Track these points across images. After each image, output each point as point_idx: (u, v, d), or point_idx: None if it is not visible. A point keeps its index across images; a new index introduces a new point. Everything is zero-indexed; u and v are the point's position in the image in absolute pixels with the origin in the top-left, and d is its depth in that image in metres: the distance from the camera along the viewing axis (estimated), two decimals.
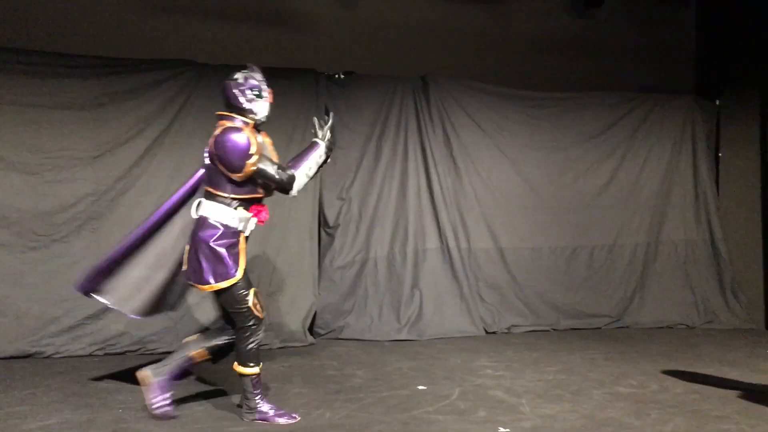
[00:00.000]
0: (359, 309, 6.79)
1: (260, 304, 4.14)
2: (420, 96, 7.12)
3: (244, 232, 4.14)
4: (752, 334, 7.22)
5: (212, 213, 4.09)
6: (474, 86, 7.35)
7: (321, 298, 6.70)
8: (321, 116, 4.29)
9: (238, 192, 4.10)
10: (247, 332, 4.11)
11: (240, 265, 4.07)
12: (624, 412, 4.39)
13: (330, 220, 6.87)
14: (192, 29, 6.74)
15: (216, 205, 4.10)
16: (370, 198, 6.95)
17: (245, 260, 4.11)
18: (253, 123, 4.18)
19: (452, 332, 6.83)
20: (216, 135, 4.07)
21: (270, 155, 4.23)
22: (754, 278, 7.71)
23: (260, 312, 4.13)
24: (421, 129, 7.09)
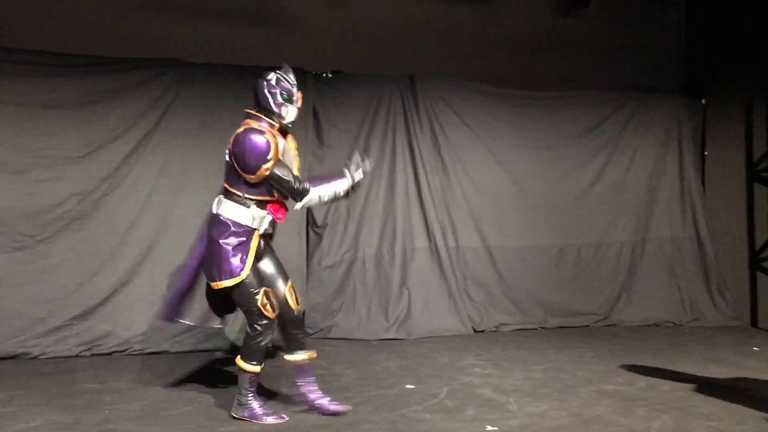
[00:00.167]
0: (347, 308, 6.78)
1: (271, 304, 4.11)
2: (408, 95, 7.11)
3: (258, 230, 4.13)
4: (738, 332, 7.27)
5: (225, 210, 4.10)
6: (461, 85, 7.36)
7: (309, 298, 6.68)
8: (356, 157, 4.31)
9: (252, 192, 4.10)
10: (257, 331, 4.10)
11: (247, 264, 4.06)
12: (611, 410, 4.41)
13: (318, 220, 6.85)
14: (178, 28, 6.69)
15: (231, 203, 4.10)
16: (358, 197, 6.92)
17: (254, 259, 4.09)
18: (279, 126, 4.16)
19: (440, 331, 6.84)
20: (238, 133, 4.06)
21: (291, 160, 4.24)
22: (740, 276, 7.76)
23: (271, 312, 4.10)
24: (409, 128, 7.09)
